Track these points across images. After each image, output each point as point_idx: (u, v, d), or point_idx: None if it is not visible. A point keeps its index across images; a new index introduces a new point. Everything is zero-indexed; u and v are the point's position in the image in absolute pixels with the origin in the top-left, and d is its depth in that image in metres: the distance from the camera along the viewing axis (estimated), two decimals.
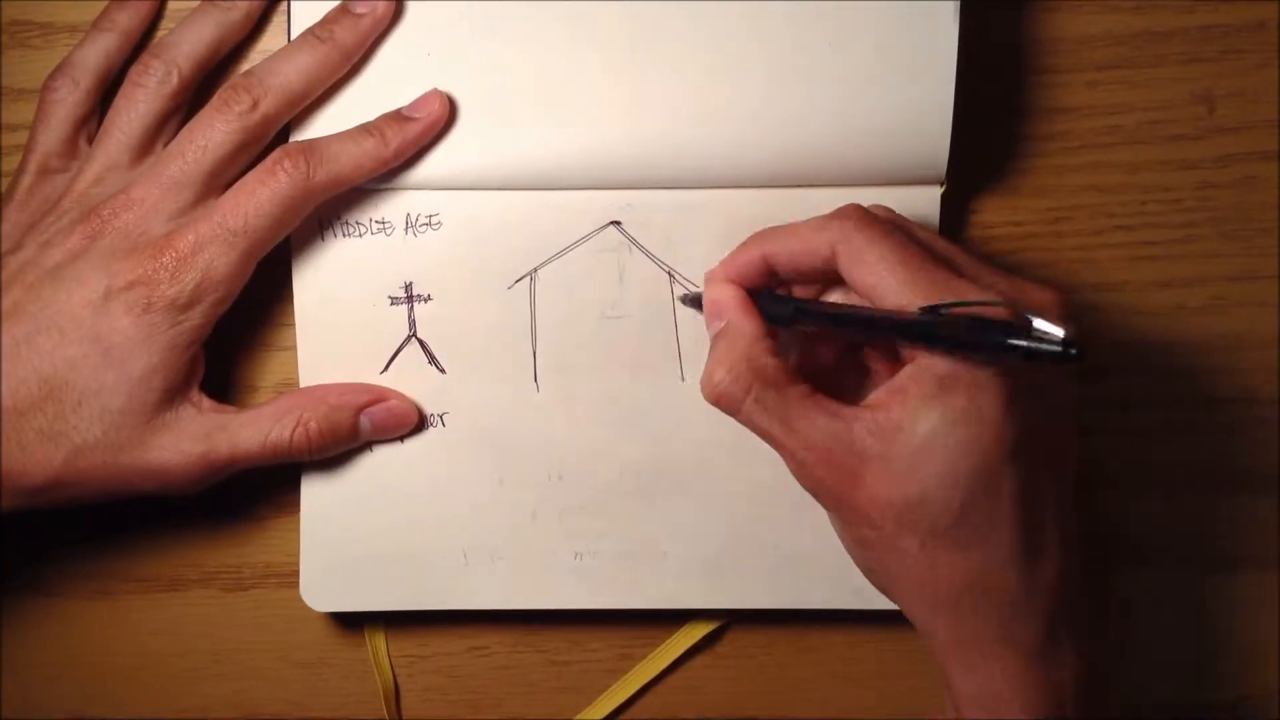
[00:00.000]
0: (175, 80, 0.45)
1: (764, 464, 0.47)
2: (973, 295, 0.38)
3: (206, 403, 0.46)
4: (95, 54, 0.47)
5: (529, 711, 0.52)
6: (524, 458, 0.48)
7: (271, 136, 0.46)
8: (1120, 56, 0.49)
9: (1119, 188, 0.50)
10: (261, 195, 0.44)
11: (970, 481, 0.38)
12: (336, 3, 0.46)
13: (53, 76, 0.47)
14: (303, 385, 0.48)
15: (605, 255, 0.47)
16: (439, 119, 0.46)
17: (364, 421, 0.47)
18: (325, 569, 0.49)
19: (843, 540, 0.43)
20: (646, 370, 0.48)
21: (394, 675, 0.52)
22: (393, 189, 0.47)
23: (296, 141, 0.45)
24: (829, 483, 0.40)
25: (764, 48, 0.45)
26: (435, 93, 0.46)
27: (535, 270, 0.48)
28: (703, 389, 0.42)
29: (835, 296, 0.44)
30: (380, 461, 0.48)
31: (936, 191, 0.47)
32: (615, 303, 0.48)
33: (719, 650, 0.52)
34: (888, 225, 0.41)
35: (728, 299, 0.43)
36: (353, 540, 0.48)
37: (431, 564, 0.49)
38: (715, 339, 0.43)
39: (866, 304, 0.41)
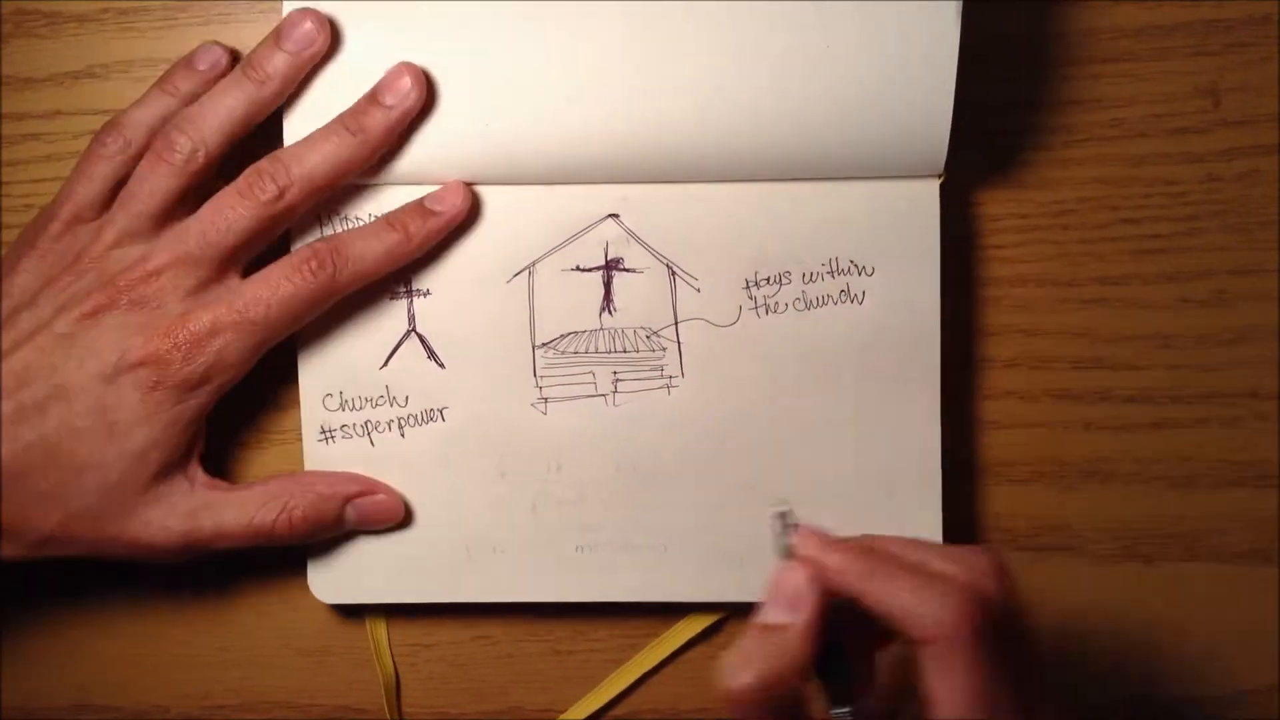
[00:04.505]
0: (201, 159, 0.45)
1: (762, 458, 0.48)
2: None
3: (201, 478, 0.46)
4: (152, 116, 0.46)
5: (533, 701, 0.53)
6: (524, 451, 0.48)
7: (293, 222, 0.46)
8: (1125, 50, 0.49)
9: (1123, 181, 0.50)
10: (285, 291, 0.44)
11: None
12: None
13: (106, 131, 0.46)
14: (302, 381, 0.48)
15: (603, 248, 0.48)
16: (461, 213, 0.46)
17: (350, 512, 0.48)
18: (332, 562, 0.49)
19: None
20: (645, 363, 0.48)
21: (395, 666, 0.52)
22: (391, 184, 0.47)
23: (322, 241, 0.45)
24: None
25: (762, 40, 0.45)
26: (458, 185, 0.46)
27: (533, 264, 0.48)
28: (725, 673, 0.36)
29: None
30: (382, 456, 0.48)
31: (935, 184, 0.47)
32: (614, 296, 0.48)
33: (718, 642, 0.52)
34: (995, 642, 0.35)
35: (804, 605, 0.37)
36: (358, 534, 0.49)
37: (435, 557, 0.49)
38: (767, 628, 0.37)
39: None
